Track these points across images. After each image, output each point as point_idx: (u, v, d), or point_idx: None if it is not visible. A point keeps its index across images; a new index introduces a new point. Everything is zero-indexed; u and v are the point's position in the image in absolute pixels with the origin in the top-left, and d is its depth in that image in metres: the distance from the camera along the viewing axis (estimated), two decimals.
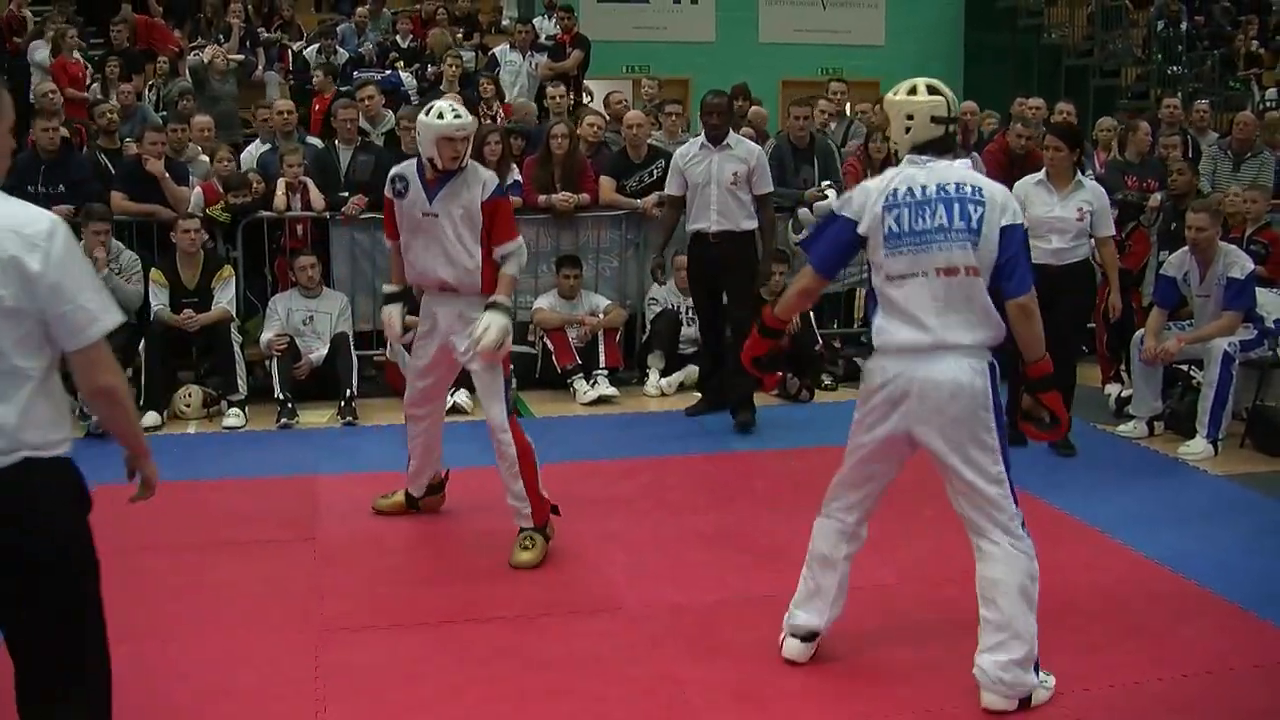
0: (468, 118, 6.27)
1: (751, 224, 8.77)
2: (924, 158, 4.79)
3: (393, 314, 6.67)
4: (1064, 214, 8.15)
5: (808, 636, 5.19)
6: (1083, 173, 8.60)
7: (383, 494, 7.09)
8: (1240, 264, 8.48)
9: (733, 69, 16.89)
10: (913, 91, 4.87)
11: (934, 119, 4.81)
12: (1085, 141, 10.00)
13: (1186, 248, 8.63)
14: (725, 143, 8.79)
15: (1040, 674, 4.84)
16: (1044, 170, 8.34)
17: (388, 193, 6.47)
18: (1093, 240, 8.32)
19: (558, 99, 12.66)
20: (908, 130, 4.84)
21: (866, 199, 4.81)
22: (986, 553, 4.84)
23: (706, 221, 8.75)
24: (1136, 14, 19.70)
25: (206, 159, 10.86)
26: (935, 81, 4.91)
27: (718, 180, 8.67)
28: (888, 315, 4.81)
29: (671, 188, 9.07)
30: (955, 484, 4.84)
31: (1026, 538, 4.84)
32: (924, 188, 4.70)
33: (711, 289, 9.02)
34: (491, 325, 6.10)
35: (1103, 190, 8.50)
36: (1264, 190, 10.39)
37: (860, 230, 4.80)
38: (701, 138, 8.93)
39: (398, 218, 6.46)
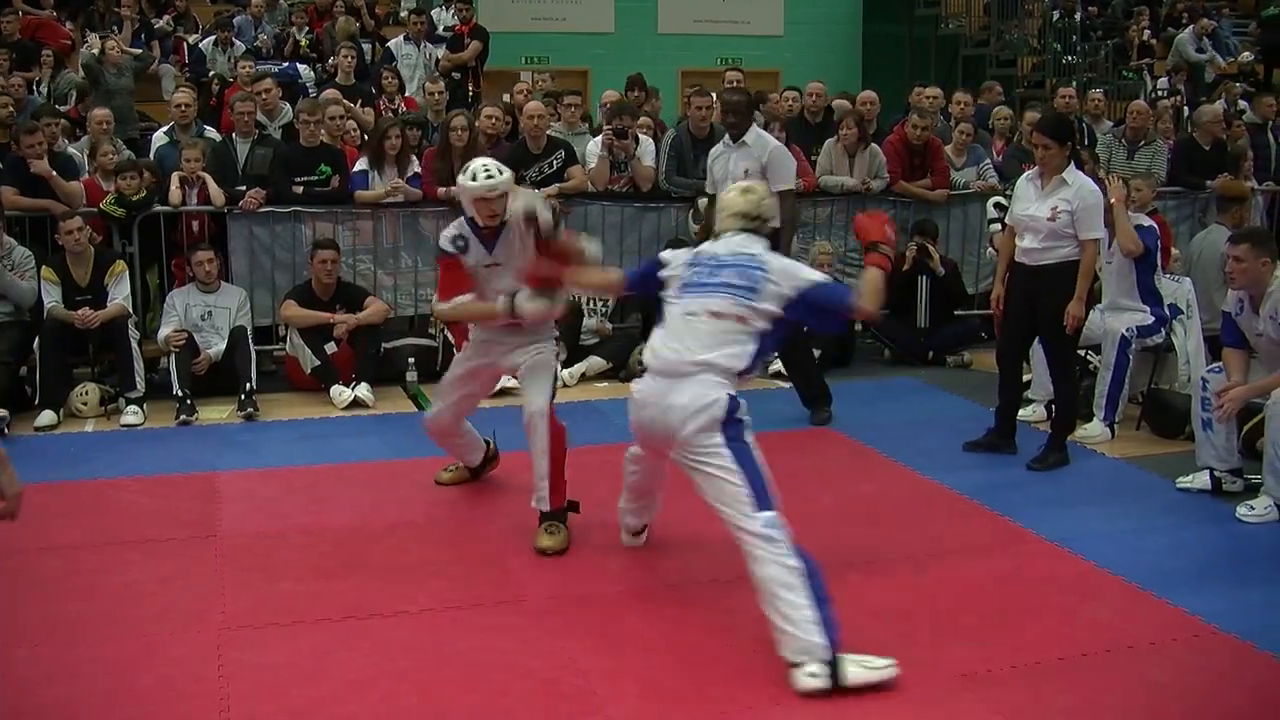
0: (501, 177, 6.42)
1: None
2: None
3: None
4: (1037, 213, 7.79)
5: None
6: (1080, 168, 8.24)
7: (444, 468, 7.54)
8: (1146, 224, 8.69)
9: (631, 59, 16.87)
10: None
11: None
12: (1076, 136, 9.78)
13: None
14: (743, 140, 8.88)
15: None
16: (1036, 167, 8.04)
17: (449, 248, 6.62)
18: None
19: (436, 95, 12.58)
20: None
21: None
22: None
23: None
24: (1032, 4, 19.92)
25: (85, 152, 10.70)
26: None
27: (733, 177, 8.44)
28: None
29: (710, 187, 9.19)
30: None
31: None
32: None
33: None
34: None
35: (1093, 189, 7.83)
36: (1152, 178, 10.57)
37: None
38: (726, 137, 9.09)
39: (468, 271, 6.64)
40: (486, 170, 6.39)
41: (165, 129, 11.40)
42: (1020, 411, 8.44)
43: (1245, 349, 7.27)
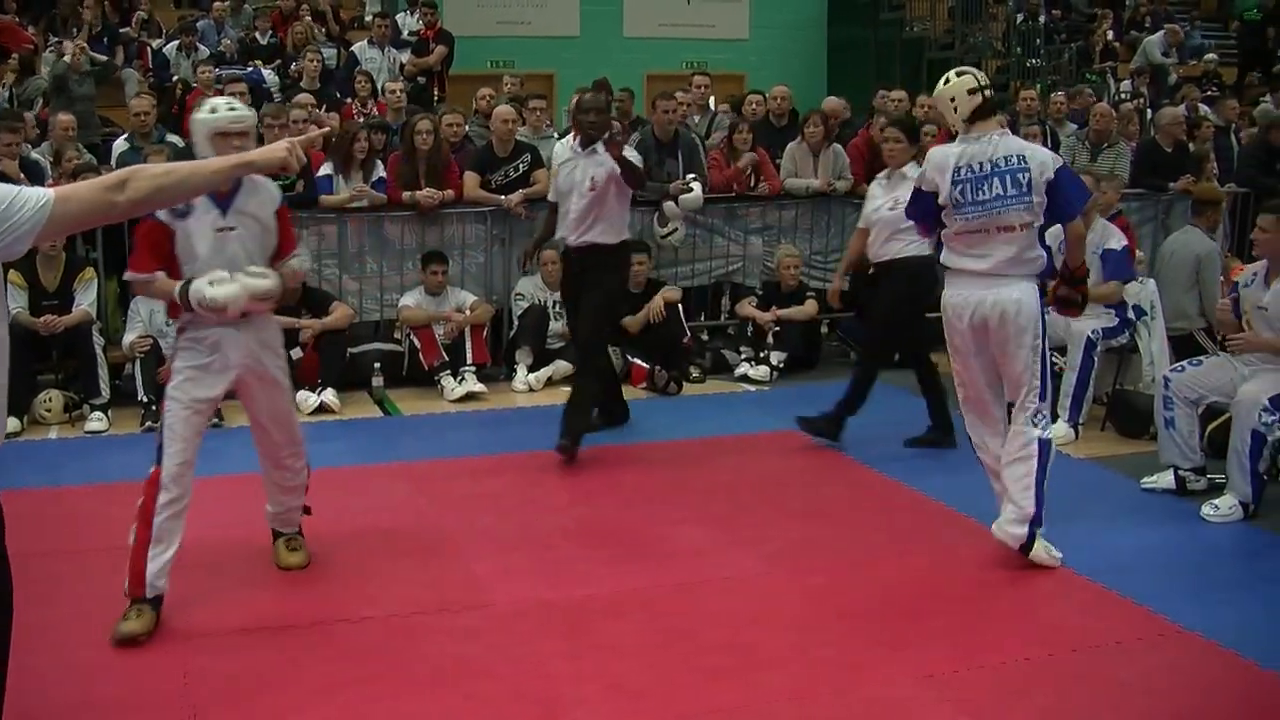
0: (247, 112, 5.71)
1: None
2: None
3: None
4: (879, 204, 8.20)
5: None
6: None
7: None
8: (1117, 236, 8.69)
9: (597, 63, 16.86)
10: (945, 81, 6.28)
11: (969, 91, 6.18)
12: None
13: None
14: (593, 149, 8.14)
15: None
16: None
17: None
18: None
19: (397, 92, 12.57)
20: (955, 110, 6.24)
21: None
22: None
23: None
24: (996, 8, 20.02)
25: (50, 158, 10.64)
26: (961, 67, 6.49)
27: (580, 189, 8.09)
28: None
29: (552, 195, 8.56)
30: None
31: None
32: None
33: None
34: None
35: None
36: (1116, 180, 10.64)
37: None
38: (575, 142, 8.33)
39: (179, 236, 5.56)
40: (230, 104, 5.61)
41: (126, 135, 11.34)
42: None
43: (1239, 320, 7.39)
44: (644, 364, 9.99)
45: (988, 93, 6.21)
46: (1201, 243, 10.14)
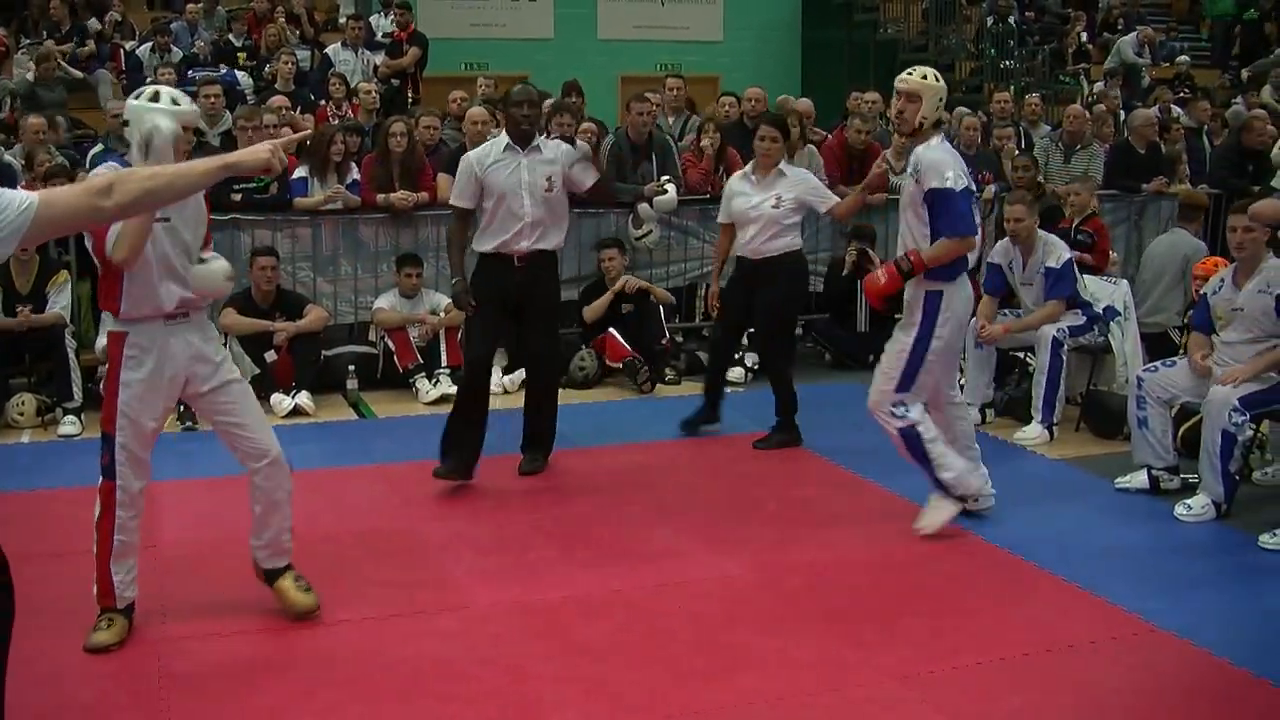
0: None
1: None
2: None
3: None
4: (758, 201, 8.31)
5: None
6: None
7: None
8: (1057, 253, 8.70)
9: (571, 65, 16.85)
10: (937, 78, 6.54)
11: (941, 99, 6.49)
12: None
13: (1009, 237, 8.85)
14: (535, 145, 7.64)
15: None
16: (751, 163, 8.56)
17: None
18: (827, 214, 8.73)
19: (371, 94, 12.55)
20: (937, 109, 6.52)
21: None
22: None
23: None
24: (969, 9, 20.06)
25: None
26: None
27: (531, 188, 7.54)
28: None
29: (487, 200, 7.72)
30: None
31: None
32: None
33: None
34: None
35: (806, 173, 8.87)
36: (1090, 182, 10.70)
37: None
38: (507, 141, 7.75)
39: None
40: (173, 96, 5.32)
41: (103, 137, 11.30)
42: None
43: (1209, 334, 7.44)
44: (624, 343, 10.14)
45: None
46: (1190, 243, 10.48)
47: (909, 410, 6.64)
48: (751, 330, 9.21)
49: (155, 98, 5.32)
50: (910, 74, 6.69)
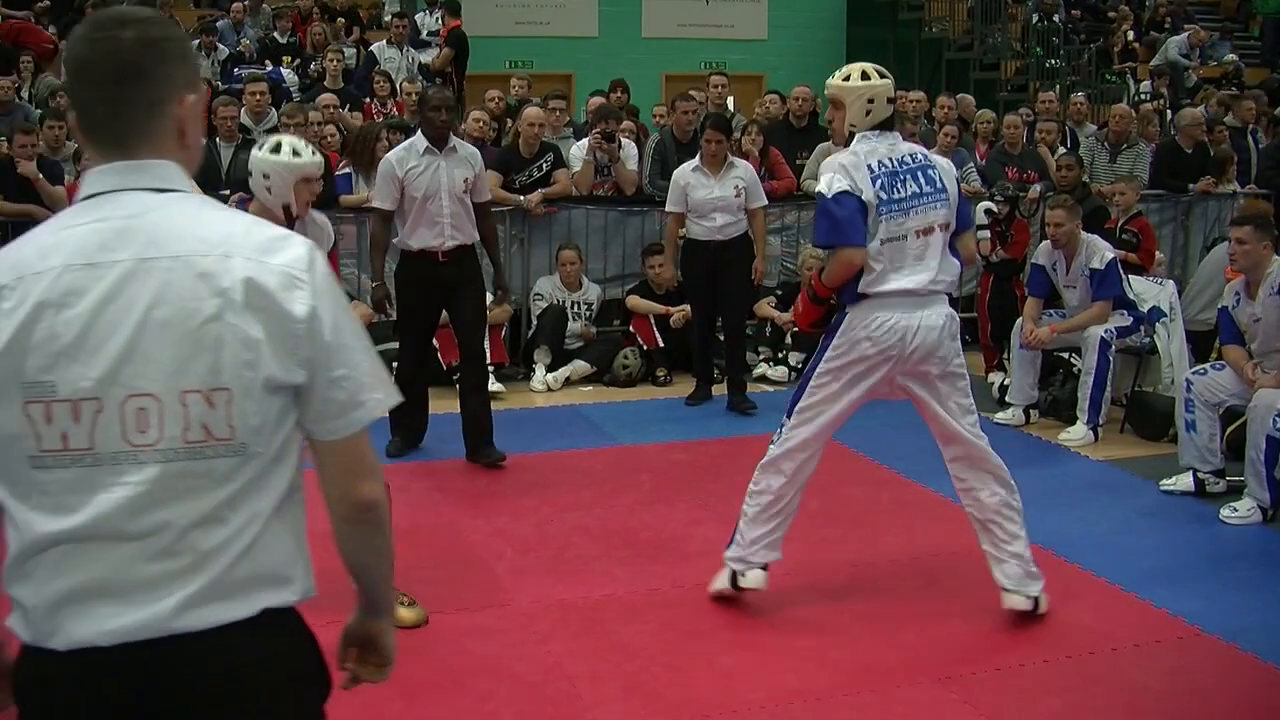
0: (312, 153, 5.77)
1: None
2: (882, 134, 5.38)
3: None
4: (723, 193, 9.10)
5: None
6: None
7: None
8: (1100, 254, 8.65)
9: (615, 64, 16.87)
10: (865, 76, 5.35)
11: (889, 99, 5.40)
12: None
13: None
14: (451, 146, 7.78)
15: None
16: (699, 156, 9.21)
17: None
18: (745, 211, 9.24)
19: (413, 96, 12.60)
20: (868, 113, 5.34)
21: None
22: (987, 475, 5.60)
23: None
24: (1015, 8, 19.96)
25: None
26: (877, 66, 5.45)
27: (451, 191, 7.71)
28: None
29: (406, 204, 7.84)
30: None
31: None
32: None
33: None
34: None
35: (749, 166, 9.56)
36: (1135, 181, 10.63)
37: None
38: (417, 140, 7.86)
39: None
40: (294, 148, 5.62)
41: None
42: (997, 415, 8.61)
43: (1242, 344, 7.37)
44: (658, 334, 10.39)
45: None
46: None
47: (783, 441, 5.85)
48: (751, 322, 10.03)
49: (277, 149, 5.55)
50: (833, 77, 5.49)
